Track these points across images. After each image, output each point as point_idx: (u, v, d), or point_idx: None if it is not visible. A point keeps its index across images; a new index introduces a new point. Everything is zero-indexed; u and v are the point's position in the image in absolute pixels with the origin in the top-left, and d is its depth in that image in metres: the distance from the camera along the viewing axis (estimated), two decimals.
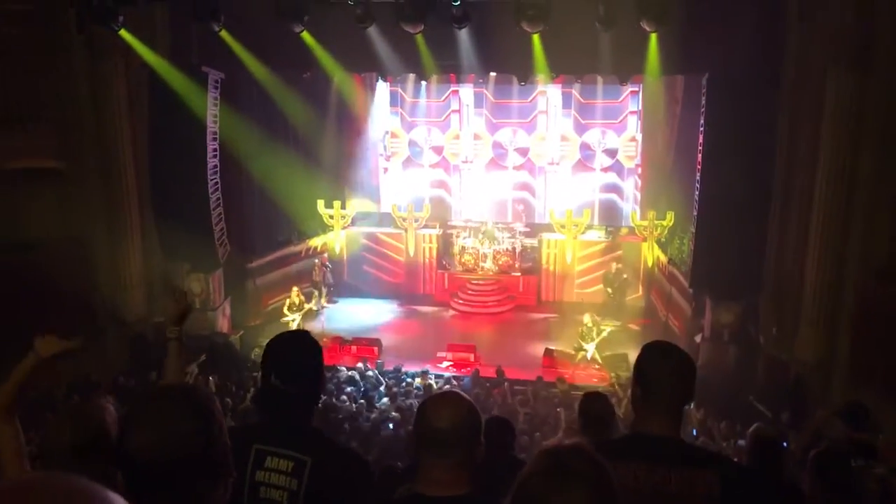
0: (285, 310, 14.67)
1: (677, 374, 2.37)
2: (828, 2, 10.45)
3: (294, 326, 14.06)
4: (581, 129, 18.12)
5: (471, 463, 2.08)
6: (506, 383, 11.85)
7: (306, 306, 15.08)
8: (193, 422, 1.58)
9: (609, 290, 16.22)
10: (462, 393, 2.16)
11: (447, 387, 10.94)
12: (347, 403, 10.32)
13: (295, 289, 15.05)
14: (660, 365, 2.39)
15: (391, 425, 9.23)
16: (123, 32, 11.41)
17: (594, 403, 4.15)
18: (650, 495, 2.26)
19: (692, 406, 10.69)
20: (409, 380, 12.03)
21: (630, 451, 2.32)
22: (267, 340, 2.70)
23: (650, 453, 2.31)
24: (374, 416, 9.70)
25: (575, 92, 17.75)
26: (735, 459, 5.22)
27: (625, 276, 16.31)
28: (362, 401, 10.42)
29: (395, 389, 11.33)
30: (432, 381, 11.81)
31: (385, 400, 10.70)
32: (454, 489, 2.02)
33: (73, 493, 0.87)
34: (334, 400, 10.30)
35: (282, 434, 2.52)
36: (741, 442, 7.53)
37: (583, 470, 1.42)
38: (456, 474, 2.04)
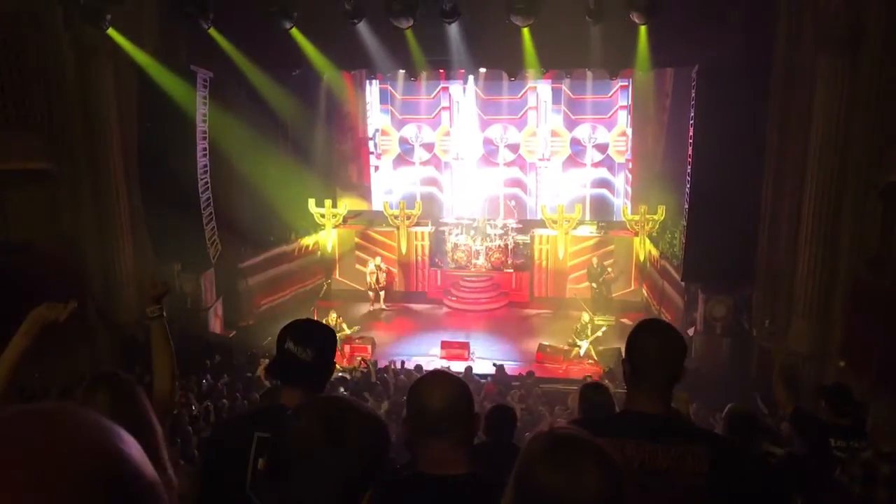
0: None
1: (664, 350, 2.37)
2: None
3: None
4: (571, 124, 18.14)
5: (468, 439, 2.07)
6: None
7: (345, 329, 14.36)
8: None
9: (594, 284, 16.21)
10: (449, 371, 2.14)
11: None
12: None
13: (333, 314, 14.48)
14: (648, 341, 2.40)
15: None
16: (111, 32, 11.36)
17: (595, 392, 4.15)
18: (639, 471, 2.26)
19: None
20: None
21: (619, 427, 2.32)
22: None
23: (639, 429, 2.31)
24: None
25: (565, 87, 17.76)
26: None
27: (609, 269, 16.24)
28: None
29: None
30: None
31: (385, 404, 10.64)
32: (456, 468, 2.00)
33: (85, 423, 0.82)
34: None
35: (281, 418, 2.49)
36: None
37: (586, 450, 1.38)
38: (455, 453, 2.02)
